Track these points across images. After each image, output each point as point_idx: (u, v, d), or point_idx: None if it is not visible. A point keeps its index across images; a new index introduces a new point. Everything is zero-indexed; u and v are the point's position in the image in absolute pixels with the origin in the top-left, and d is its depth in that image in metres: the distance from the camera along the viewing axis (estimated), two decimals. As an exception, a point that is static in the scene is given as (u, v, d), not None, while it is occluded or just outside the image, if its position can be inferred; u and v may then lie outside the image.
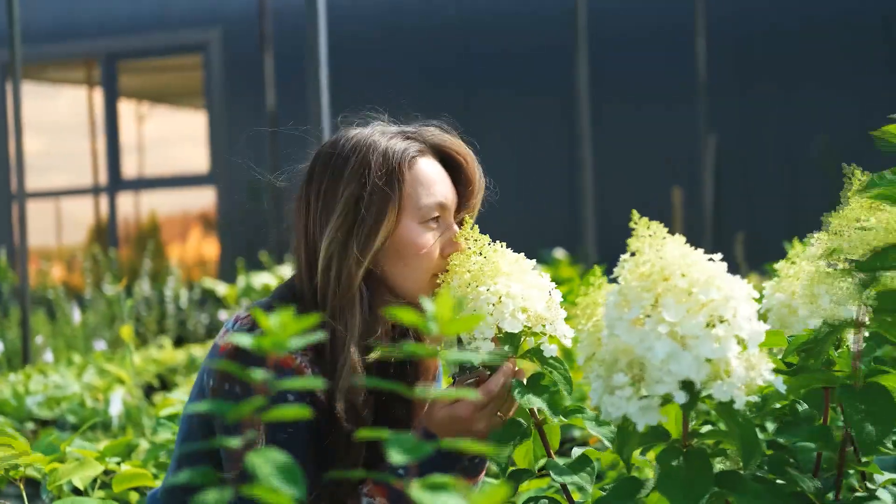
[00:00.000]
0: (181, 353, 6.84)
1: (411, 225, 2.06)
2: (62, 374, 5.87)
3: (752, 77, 10.04)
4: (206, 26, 11.68)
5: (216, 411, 1.12)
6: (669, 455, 1.52)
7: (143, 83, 13.71)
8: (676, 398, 1.49)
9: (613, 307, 1.54)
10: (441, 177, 2.11)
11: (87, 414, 4.90)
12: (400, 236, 2.06)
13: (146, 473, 2.79)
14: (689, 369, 1.47)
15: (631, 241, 1.55)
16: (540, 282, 1.93)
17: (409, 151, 2.08)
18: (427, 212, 2.06)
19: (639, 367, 1.52)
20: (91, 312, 7.90)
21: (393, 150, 2.07)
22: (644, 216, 1.56)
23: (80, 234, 13.25)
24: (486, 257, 1.96)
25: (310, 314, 1.21)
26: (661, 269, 1.51)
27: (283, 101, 10.07)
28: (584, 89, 7.70)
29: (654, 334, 1.48)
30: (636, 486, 1.61)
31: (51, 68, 13.29)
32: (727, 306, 1.49)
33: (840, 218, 1.68)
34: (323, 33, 4.26)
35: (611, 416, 1.54)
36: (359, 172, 2.06)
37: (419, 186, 2.07)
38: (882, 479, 1.91)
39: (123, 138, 12.36)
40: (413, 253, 2.06)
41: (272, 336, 1.14)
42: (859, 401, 1.55)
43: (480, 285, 1.91)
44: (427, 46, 11.01)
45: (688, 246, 1.54)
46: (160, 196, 12.83)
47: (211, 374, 2.05)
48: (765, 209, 9.90)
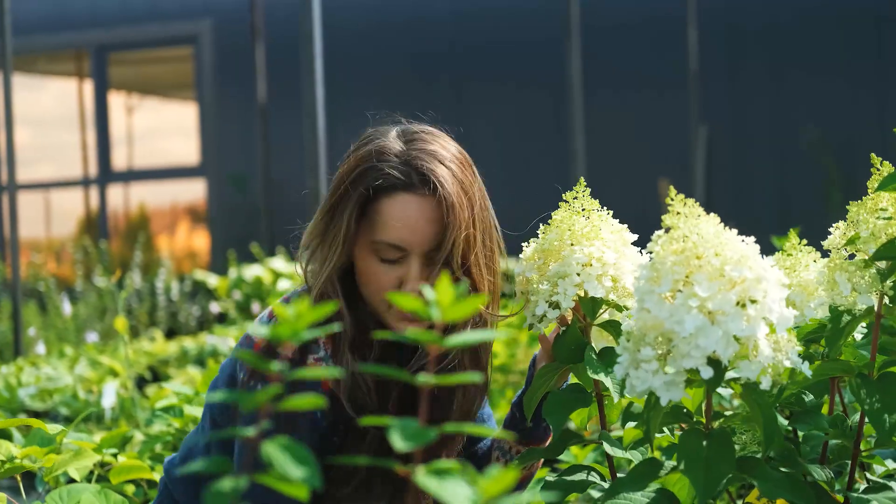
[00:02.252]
0: (173, 345, 6.82)
1: (365, 254, 2.01)
2: (54, 366, 5.85)
3: (742, 67, 10.04)
4: (196, 18, 11.64)
5: (232, 400, 1.11)
6: (692, 436, 1.52)
7: (133, 75, 13.67)
8: (703, 373, 1.48)
9: (645, 281, 1.53)
10: (416, 217, 1.99)
11: (79, 406, 4.88)
12: (356, 259, 2.02)
13: (144, 466, 2.77)
14: (717, 344, 1.47)
15: (665, 217, 1.55)
16: (637, 257, 1.90)
17: (383, 183, 1.99)
18: (381, 249, 1.99)
19: (667, 341, 1.52)
20: (82, 304, 7.87)
21: (377, 171, 1.99)
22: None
23: (69, 226, 13.21)
24: (589, 219, 1.93)
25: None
26: (695, 246, 1.51)
27: (273, 93, 10.05)
28: (576, 79, 7.69)
29: (684, 308, 1.48)
30: (656, 467, 1.61)
31: (41, 60, 13.24)
32: (758, 287, 1.49)
33: (859, 207, 1.67)
34: (317, 24, 4.23)
35: (636, 390, 1.54)
36: (338, 189, 2.02)
37: (377, 223, 1.99)
38: (882, 470, 1.91)
39: (113, 130, 12.32)
40: (364, 279, 2.02)
41: (286, 325, 1.12)
42: (876, 391, 1.54)
43: (575, 245, 1.89)
44: (417, 38, 10.98)
45: (722, 225, 1.54)
46: (150, 188, 12.80)
47: (242, 367, 2.06)
48: (755, 199, 9.90)
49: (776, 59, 9.92)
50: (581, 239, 1.89)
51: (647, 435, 1.61)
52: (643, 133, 10.20)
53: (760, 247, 1.58)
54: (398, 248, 1.98)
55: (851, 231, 1.68)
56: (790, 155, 9.86)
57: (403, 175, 1.99)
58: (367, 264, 2.00)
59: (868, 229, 1.63)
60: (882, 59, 9.58)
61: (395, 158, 2.01)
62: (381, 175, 1.98)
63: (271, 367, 1.12)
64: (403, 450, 1.03)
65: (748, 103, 10.02)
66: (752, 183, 9.98)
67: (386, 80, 10.82)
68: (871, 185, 1.67)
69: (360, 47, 10.90)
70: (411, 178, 1.99)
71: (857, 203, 1.68)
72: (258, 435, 1.09)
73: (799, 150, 9.76)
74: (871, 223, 1.63)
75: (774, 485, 1.53)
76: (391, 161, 2.00)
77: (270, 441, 1.08)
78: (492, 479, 0.99)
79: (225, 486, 1.08)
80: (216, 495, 1.07)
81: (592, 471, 1.85)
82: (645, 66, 10.22)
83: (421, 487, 1.04)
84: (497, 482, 0.99)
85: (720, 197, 9.84)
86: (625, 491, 1.62)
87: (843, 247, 1.68)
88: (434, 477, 1.02)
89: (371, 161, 2.00)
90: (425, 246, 1.99)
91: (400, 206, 1.98)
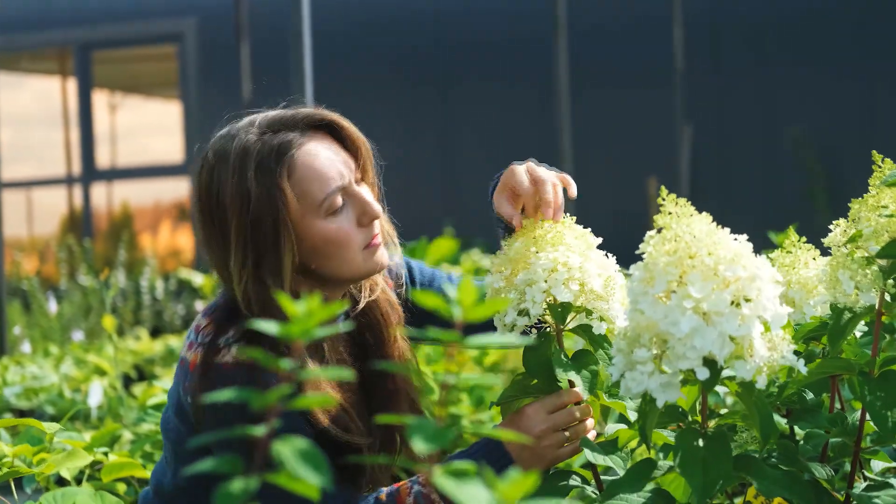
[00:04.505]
0: (158, 344, 6.79)
1: (318, 223, 1.97)
2: (39, 364, 5.83)
3: (727, 66, 10.05)
4: (181, 16, 11.60)
5: (237, 398, 1.10)
6: (689, 436, 1.52)
7: (117, 73, 13.61)
8: (699, 374, 1.48)
9: (638, 282, 1.53)
10: (327, 155, 1.99)
11: (65, 405, 4.86)
12: (313, 239, 1.97)
13: (136, 463, 2.76)
14: (712, 345, 1.47)
15: (657, 218, 1.54)
16: (602, 261, 1.90)
17: (285, 156, 1.95)
18: (330, 204, 1.96)
19: (661, 343, 1.52)
20: (66, 303, 7.84)
21: (265, 164, 1.94)
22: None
23: (52, 224, 13.15)
24: (553, 225, 1.92)
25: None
26: (688, 246, 1.50)
27: (258, 91, 10.01)
28: (563, 77, 7.69)
29: (679, 309, 1.48)
30: (650, 467, 1.61)
31: (24, 58, 13.17)
32: (752, 286, 1.49)
33: (860, 204, 1.67)
34: (307, 22, 4.22)
35: (631, 392, 1.54)
36: (238, 200, 1.94)
37: (310, 184, 1.95)
38: (879, 468, 1.91)
39: (97, 128, 12.28)
40: (334, 248, 1.98)
41: (297, 324, 1.12)
42: (878, 389, 1.55)
43: (540, 251, 1.88)
44: (401, 39, 10.97)
45: (715, 224, 1.54)
46: (134, 186, 12.75)
47: (195, 399, 1.96)
48: (740, 197, 9.91)
49: (761, 58, 9.94)
50: (545, 245, 1.89)
51: (643, 435, 1.61)
52: (629, 132, 10.21)
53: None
54: (342, 188, 1.98)
55: (852, 228, 1.68)
56: (775, 153, 9.89)
57: (291, 130, 1.98)
58: (327, 232, 1.96)
59: (870, 226, 1.63)
60: (867, 57, 9.61)
61: (265, 133, 1.99)
62: (273, 147, 1.95)
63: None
64: (424, 452, 1.03)
65: (733, 102, 10.04)
66: (736, 181, 10.00)
67: (369, 78, 10.79)
68: (873, 182, 1.67)
69: (343, 48, 10.87)
70: (296, 127, 1.99)
71: (859, 200, 1.68)
72: (267, 435, 1.08)
73: (784, 148, 9.79)
74: (873, 220, 1.63)
75: (773, 483, 1.53)
76: (265, 136, 1.98)
77: (281, 441, 1.07)
78: (512, 483, 0.98)
79: (235, 486, 1.07)
80: (226, 496, 1.07)
81: (575, 475, 1.86)
82: (631, 65, 10.23)
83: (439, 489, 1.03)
84: (517, 486, 0.98)
85: (705, 195, 9.85)
86: (622, 492, 1.62)
87: (844, 244, 1.68)
88: (452, 479, 1.01)
89: (251, 154, 1.95)
90: (353, 168, 2.01)
91: (311, 156, 1.97)
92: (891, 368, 1.61)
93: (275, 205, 1.92)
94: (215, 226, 1.98)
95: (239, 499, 1.04)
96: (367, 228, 2.02)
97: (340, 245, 1.98)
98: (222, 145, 2.01)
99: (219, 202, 1.96)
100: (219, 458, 1.11)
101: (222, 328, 1.97)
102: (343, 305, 1.17)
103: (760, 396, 1.52)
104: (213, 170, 2.00)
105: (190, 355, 1.98)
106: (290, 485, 1.07)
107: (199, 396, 1.94)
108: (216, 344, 1.95)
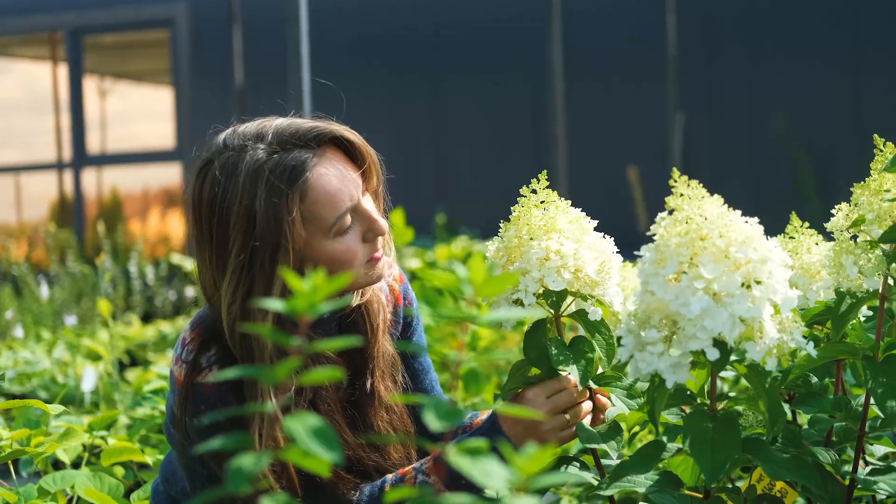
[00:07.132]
0: (150, 330, 6.79)
1: (326, 244, 1.93)
2: (32, 349, 5.82)
3: (720, 54, 10.06)
4: (172, 1, 11.57)
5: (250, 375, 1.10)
6: (698, 417, 1.52)
7: (108, 58, 13.56)
8: (708, 355, 1.48)
9: (650, 263, 1.53)
10: (338, 177, 1.94)
11: (58, 389, 4.86)
12: (318, 259, 1.93)
13: (135, 448, 2.76)
14: (723, 325, 1.47)
15: (669, 199, 1.54)
16: (598, 244, 1.87)
17: (298, 181, 1.89)
18: (339, 226, 1.93)
19: (671, 324, 1.52)
20: (58, 288, 7.82)
21: (276, 187, 1.88)
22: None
23: (41, 210, 13.11)
24: (546, 212, 1.89)
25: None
26: (699, 228, 1.50)
27: (250, 77, 9.99)
28: (557, 64, 7.68)
29: (689, 290, 1.48)
30: (659, 449, 1.61)
31: (15, 43, 13.12)
32: (763, 268, 1.49)
33: (863, 189, 1.68)
34: (304, 6, 4.21)
35: (641, 373, 1.54)
36: (244, 222, 1.89)
37: (322, 208, 1.91)
38: (880, 453, 1.92)
39: (87, 113, 12.24)
40: (338, 265, 1.94)
41: (302, 298, 1.12)
42: (882, 374, 1.55)
43: (534, 239, 1.85)
44: (395, 34, 10.94)
45: (727, 206, 1.54)
46: (125, 172, 12.71)
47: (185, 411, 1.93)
48: (732, 185, 9.92)
49: (754, 47, 9.94)
50: (539, 233, 1.86)
51: (652, 416, 1.61)
52: (621, 121, 10.21)
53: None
54: (351, 209, 1.94)
55: (855, 213, 1.68)
56: (767, 141, 9.90)
57: (302, 148, 1.93)
58: (333, 251, 1.94)
59: (873, 211, 1.63)
60: (860, 46, 9.62)
61: (276, 151, 1.93)
62: (286, 169, 1.90)
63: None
64: (438, 430, 1.03)
65: (726, 90, 10.04)
66: (729, 169, 10.01)
67: (361, 69, 10.77)
68: (875, 167, 1.67)
69: (336, 43, 10.85)
70: (307, 145, 1.93)
71: (861, 185, 1.69)
72: (279, 411, 1.08)
73: (776, 136, 9.80)
74: (876, 205, 1.63)
75: (779, 466, 1.54)
76: (276, 156, 1.92)
77: (293, 417, 1.07)
78: (528, 458, 0.98)
79: (245, 462, 1.08)
80: (236, 472, 1.07)
81: (576, 461, 1.86)
82: (622, 52, 10.23)
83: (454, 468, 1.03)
84: (534, 461, 0.98)
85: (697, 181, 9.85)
86: (630, 473, 1.62)
87: (847, 229, 1.68)
88: (467, 456, 1.01)
89: (262, 175, 1.89)
90: (361, 184, 1.98)
91: (324, 177, 1.92)
92: (894, 353, 1.61)
93: (281, 230, 1.88)
94: (213, 242, 1.93)
95: (249, 474, 1.05)
96: (371, 243, 2.00)
97: (344, 263, 1.96)
98: (231, 160, 1.95)
99: (221, 220, 1.92)
100: (230, 436, 1.11)
101: (206, 345, 1.95)
102: (345, 302, 1.16)
103: (769, 379, 1.52)
104: (220, 185, 1.94)
105: (176, 370, 1.97)
106: (302, 461, 1.07)
107: (184, 414, 1.93)
108: (198, 363, 1.93)
